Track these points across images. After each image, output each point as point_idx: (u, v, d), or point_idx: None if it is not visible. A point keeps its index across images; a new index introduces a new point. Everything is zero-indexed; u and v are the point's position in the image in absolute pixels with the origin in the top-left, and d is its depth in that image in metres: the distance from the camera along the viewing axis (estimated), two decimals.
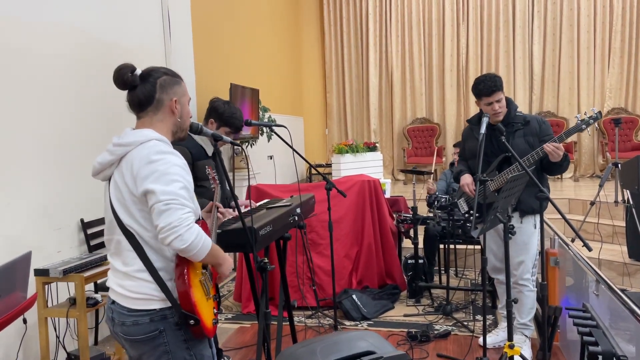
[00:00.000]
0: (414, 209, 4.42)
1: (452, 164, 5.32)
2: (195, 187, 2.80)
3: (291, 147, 2.83)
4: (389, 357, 1.81)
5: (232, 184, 4.24)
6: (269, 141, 6.62)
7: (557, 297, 3.42)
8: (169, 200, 1.58)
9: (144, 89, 1.73)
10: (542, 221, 2.74)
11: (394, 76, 9.36)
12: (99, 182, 1.81)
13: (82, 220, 3.61)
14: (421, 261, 4.40)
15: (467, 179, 3.26)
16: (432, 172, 5.18)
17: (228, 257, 1.81)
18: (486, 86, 3.04)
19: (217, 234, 2.08)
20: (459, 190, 3.38)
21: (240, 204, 2.68)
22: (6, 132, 3.03)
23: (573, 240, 4.28)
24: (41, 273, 2.83)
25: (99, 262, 3.03)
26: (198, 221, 1.77)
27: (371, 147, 7.46)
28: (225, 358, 3.35)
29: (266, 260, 2.16)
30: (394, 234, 4.66)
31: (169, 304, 1.69)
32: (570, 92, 8.73)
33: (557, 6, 8.68)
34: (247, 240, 2.08)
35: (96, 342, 3.66)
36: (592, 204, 5.45)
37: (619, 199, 5.49)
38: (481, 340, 3.13)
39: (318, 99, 9.87)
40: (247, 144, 6.11)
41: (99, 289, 3.48)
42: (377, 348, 1.85)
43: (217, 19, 5.98)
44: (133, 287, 1.68)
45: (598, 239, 5.33)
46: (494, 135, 3.11)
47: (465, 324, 3.83)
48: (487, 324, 3.80)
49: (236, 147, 2.22)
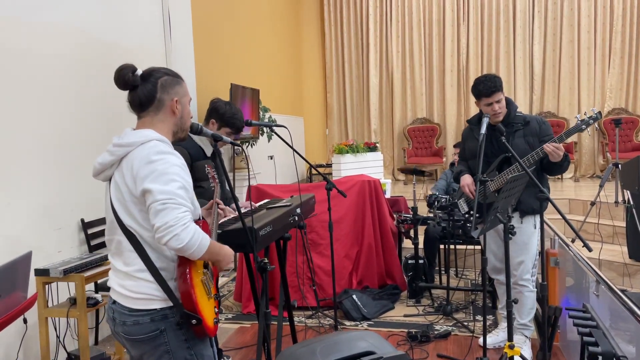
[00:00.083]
0: (414, 209, 4.42)
1: (452, 164, 5.32)
2: (194, 187, 2.81)
3: (291, 147, 2.83)
4: (389, 357, 1.81)
5: (232, 185, 4.24)
6: (269, 141, 6.62)
7: (557, 297, 3.42)
8: (165, 200, 1.58)
9: (144, 89, 1.74)
10: (542, 221, 2.74)
11: (394, 76, 9.36)
12: (99, 182, 1.81)
13: (82, 220, 3.61)
14: (421, 261, 4.40)
15: (467, 179, 3.26)
16: (432, 173, 5.18)
17: (228, 251, 1.79)
18: (486, 87, 3.04)
19: (218, 234, 2.08)
20: (459, 190, 3.38)
21: (241, 205, 2.68)
22: (6, 132, 3.03)
23: (573, 241, 4.29)
24: (41, 273, 2.83)
25: (100, 262, 3.03)
26: (198, 221, 1.77)
27: (371, 147, 7.46)
28: (225, 358, 3.36)
29: (266, 261, 2.16)
30: (394, 234, 4.66)
31: (170, 303, 1.69)
32: (570, 93, 8.73)
33: (557, 6, 8.68)
34: (248, 240, 2.08)
35: (96, 342, 3.66)
36: (592, 204, 5.45)
37: (619, 199, 5.49)
38: (481, 340, 3.14)
39: (318, 99, 9.86)
40: (247, 144, 6.11)
41: (99, 288, 3.48)
42: (377, 348, 1.85)
43: (218, 19, 5.98)
44: (134, 287, 1.69)
45: (598, 240, 5.33)
46: (494, 135, 3.11)
47: (466, 324, 3.83)
48: (487, 324, 3.80)
49: (236, 147, 2.22)
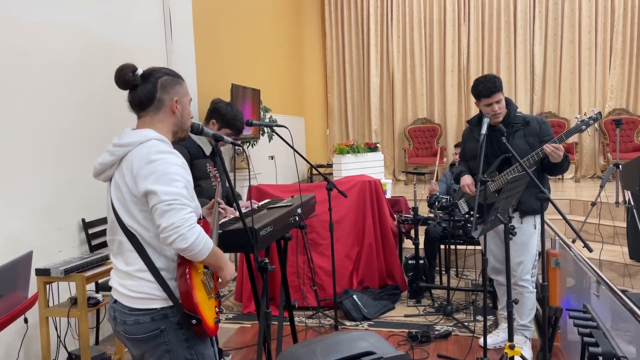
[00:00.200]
0: (415, 209, 4.42)
1: (452, 164, 5.31)
2: (194, 186, 2.81)
3: (292, 147, 2.83)
4: (389, 358, 1.81)
5: (233, 184, 4.24)
6: (270, 141, 6.62)
7: (557, 297, 3.42)
8: (171, 201, 1.59)
9: (144, 89, 1.74)
10: (543, 222, 2.74)
11: (395, 76, 9.36)
12: (100, 181, 1.81)
13: (83, 220, 3.62)
14: (422, 262, 4.40)
15: (467, 179, 3.26)
16: (433, 172, 5.18)
17: (230, 262, 1.81)
18: (485, 87, 3.03)
19: (218, 234, 2.08)
20: (460, 191, 3.38)
21: (242, 205, 2.68)
22: (7, 132, 3.03)
23: (574, 241, 4.28)
24: (42, 273, 2.83)
25: (100, 262, 3.04)
26: (199, 220, 1.78)
27: (372, 148, 7.46)
28: (225, 358, 3.36)
29: (267, 261, 2.17)
30: (394, 234, 4.66)
31: (170, 303, 1.69)
32: (571, 93, 8.72)
33: (558, 7, 8.67)
34: (248, 240, 2.08)
35: (97, 342, 3.66)
36: (593, 204, 5.45)
37: (620, 199, 5.49)
38: (482, 340, 3.13)
39: (319, 99, 9.86)
40: (248, 144, 6.11)
41: (100, 288, 3.48)
42: (378, 348, 1.85)
43: (219, 19, 5.98)
44: (134, 286, 1.69)
45: (599, 240, 5.33)
46: (494, 136, 3.11)
47: (466, 324, 3.83)
48: (488, 324, 3.80)
49: (237, 147, 2.23)
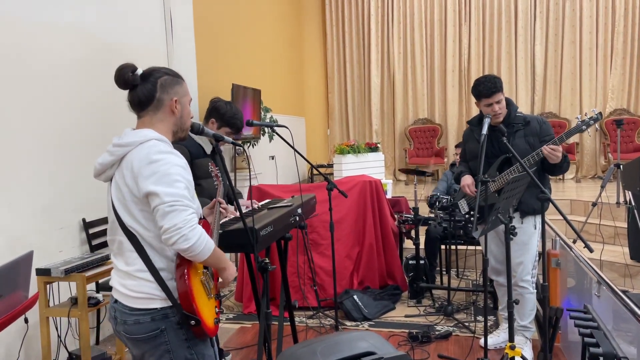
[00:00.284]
0: (415, 209, 4.41)
1: (452, 164, 5.31)
2: (195, 185, 2.81)
3: (293, 147, 2.83)
4: (389, 358, 1.81)
5: (233, 184, 4.24)
6: (270, 141, 6.62)
7: (558, 298, 3.42)
8: (173, 202, 1.59)
9: (144, 88, 1.74)
10: (544, 222, 2.74)
11: (395, 77, 9.36)
12: (101, 181, 1.81)
13: (83, 220, 3.62)
14: (422, 262, 4.39)
15: (467, 179, 3.25)
16: (434, 173, 5.17)
17: (231, 263, 1.81)
18: (486, 87, 3.03)
19: (219, 234, 2.08)
20: (460, 191, 3.37)
21: (242, 204, 2.68)
22: (8, 131, 3.03)
23: (574, 242, 4.28)
24: (43, 273, 2.83)
25: (101, 262, 3.04)
26: (200, 220, 1.78)
27: (373, 148, 7.46)
28: (225, 358, 3.36)
29: (267, 261, 2.17)
30: (395, 234, 4.66)
31: (170, 303, 1.69)
32: (572, 93, 8.71)
33: (559, 7, 8.66)
34: (248, 240, 2.08)
35: (97, 342, 3.66)
36: (593, 205, 5.44)
37: (621, 200, 5.48)
38: (482, 341, 3.13)
39: (320, 100, 9.86)
40: (248, 144, 6.11)
41: (100, 288, 3.48)
42: (378, 348, 1.85)
43: (220, 19, 5.98)
44: (135, 286, 1.69)
45: (600, 240, 5.32)
46: (494, 136, 3.11)
47: (467, 324, 3.83)
48: (488, 325, 3.79)
49: (238, 147, 2.22)
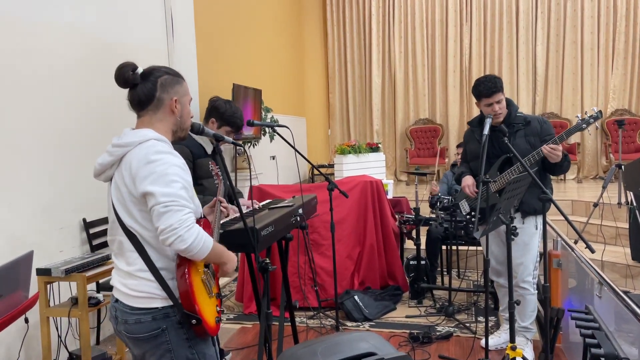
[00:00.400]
0: (416, 210, 4.41)
1: (453, 164, 5.30)
2: (195, 185, 2.81)
3: (293, 147, 2.82)
4: (390, 359, 1.80)
5: (234, 184, 4.24)
6: (271, 141, 6.62)
7: (559, 298, 3.41)
8: (168, 202, 1.58)
9: (144, 87, 1.74)
10: (545, 223, 2.73)
11: (396, 77, 9.35)
12: (101, 181, 1.81)
13: (84, 220, 3.61)
14: (423, 262, 4.39)
15: (468, 180, 3.25)
16: (435, 172, 5.16)
17: (232, 255, 1.80)
18: (486, 87, 3.03)
19: (220, 234, 2.08)
20: (461, 192, 3.37)
21: (242, 204, 2.68)
22: (8, 131, 3.03)
23: (576, 242, 4.27)
24: (43, 272, 2.83)
25: (101, 262, 3.03)
26: (200, 220, 1.77)
27: (374, 148, 7.45)
28: (226, 358, 3.35)
29: (268, 261, 2.16)
30: (396, 234, 4.65)
31: (171, 302, 1.69)
32: (573, 94, 8.70)
33: (560, 7, 8.65)
34: (249, 240, 2.07)
35: (98, 342, 3.66)
36: (595, 205, 5.43)
37: (622, 200, 5.47)
38: (483, 341, 3.13)
39: (321, 100, 9.86)
40: (249, 144, 6.11)
41: (100, 288, 3.48)
42: (379, 349, 1.85)
43: (220, 19, 5.98)
44: (136, 285, 1.69)
45: (601, 241, 5.31)
46: (494, 136, 3.10)
47: (468, 325, 3.82)
48: (489, 325, 3.79)
49: (238, 147, 2.22)
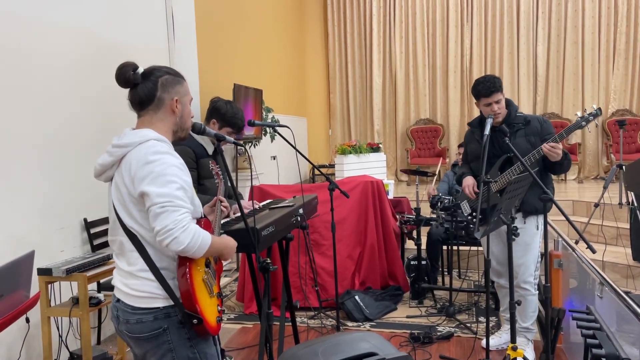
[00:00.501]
0: (417, 210, 4.41)
1: (454, 164, 5.30)
2: (198, 185, 2.81)
3: (294, 147, 2.82)
4: (391, 359, 1.80)
5: (235, 185, 4.23)
6: (272, 141, 6.62)
7: (560, 299, 3.41)
8: (164, 203, 1.58)
9: (145, 87, 1.74)
10: (546, 223, 2.73)
11: (397, 77, 9.35)
12: (102, 181, 1.81)
13: (85, 220, 3.62)
14: (424, 262, 4.39)
15: (468, 180, 3.25)
16: (436, 173, 5.16)
17: (229, 243, 1.80)
18: (485, 87, 3.04)
19: (220, 234, 2.08)
20: (462, 193, 3.37)
21: (243, 206, 2.68)
22: (10, 131, 3.03)
23: (577, 242, 4.27)
24: (44, 272, 2.83)
25: (102, 262, 3.04)
26: (201, 220, 1.77)
27: (374, 148, 7.45)
28: (227, 358, 3.35)
29: (268, 261, 2.16)
30: (397, 235, 4.65)
31: (173, 302, 1.69)
32: (574, 94, 8.69)
33: (561, 7, 8.65)
34: (250, 240, 2.07)
35: (99, 342, 3.66)
36: (596, 205, 5.43)
37: (624, 200, 5.47)
38: (484, 342, 3.12)
39: (321, 100, 9.86)
40: (250, 144, 6.11)
41: (101, 288, 3.48)
42: (380, 349, 1.84)
43: (221, 19, 5.98)
44: (137, 285, 1.69)
45: (602, 241, 5.31)
46: (495, 136, 3.10)
47: (468, 325, 3.82)
48: (490, 326, 3.79)
49: (239, 147, 2.22)
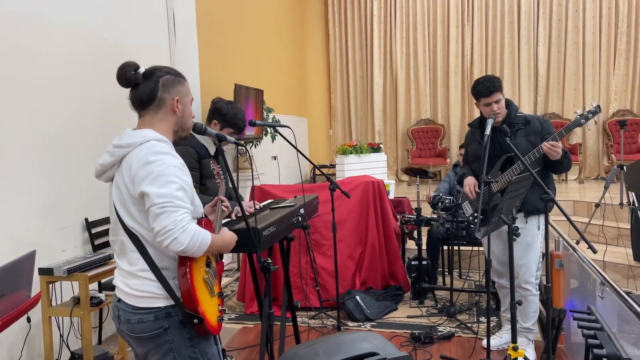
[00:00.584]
0: (418, 210, 4.41)
1: (455, 164, 5.30)
2: (200, 185, 2.81)
3: (295, 147, 2.82)
4: (392, 359, 1.80)
5: (236, 185, 4.24)
6: (273, 142, 6.62)
7: (561, 299, 3.41)
8: (163, 203, 1.58)
9: (146, 87, 1.74)
10: (547, 223, 2.73)
11: (398, 77, 9.35)
12: (103, 181, 1.81)
13: (86, 220, 3.62)
14: (425, 262, 4.39)
15: (469, 180, 3.25)
16: (436, 173, 5.16)
17: (229, 239, 1.80)
18: (484, 87, 3.04)
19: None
20: (464, 194, 3.37)
21: (245, 206, 2.68)
22: (10, 131, 3.04)
23: (578, 243, 4.27)
24: (45, 272, 2.83)
25: (103, 262, 3.04)
26: (201, 219, 1.77)
27: (375, 148, 7.44)
28: (228, 358, 3.35)
29: (269, 261, 2.16)
30: (397, 235, 4.65)
31: (174, 302, 1.69)
32: (575, 94, 8.69)
33: (562, 7, 8.64)
34: (251, 240, 2.08)
35: (100, 342, 3.67)
36: (597, 206, 5.43)
37: (624, 201, 5.46)
38: (485, 342, 3.12)
39: (322, 100, 9.86)
40: (251, 144, 6.11)
41: (103, 288, 3.49)
42: (381, 349, 1.85)
43: (222, 19, 5.98)
44: (138, 285, 1.69)
45: (603, 241, 5.31)
46: (495, 137, 3.10)
47: (469, 325, 3.82)
48: (491, 326, 3.78)
49: (240, 147, 2.22)
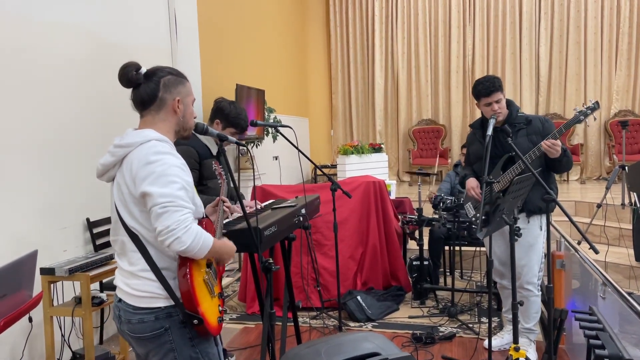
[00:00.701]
0: (419, 210, 4.40)
1: (456, 164, 5.29)
2: (201, 185, 2.82)
3: (297, 147, 2.82)
4: (394, 359, 1.80)
5: (237, 185, 4.24)
6: (274, 142, 6.62)
7: (563, 299, 3.40)
8: (166, 203, 1.58)
9: (147, 87, 1.74)
10: (549, 223, 2.73)
11: (399, 77, 9.35)
12: (105, 181, 1.81)
13: (87, 220, 3.62)
14: (426, 263, 4.38)
15: (472, 182, 3.24)
16: (436, 173, 5.16)
17: (230, 249, 1.80)
18: (485, 87, 3.04)
19: (223, 234, 2.08)
20: (466, 195, 3.36)
21: (246, 205, 2.68)
22: (11, 131, 3.04)
23: (579, 243, 4.26)
24: (47, 272, 2.84)
25: (105, 262, 3.04)
26: (202, 220, 1.77)
27: (376, 148, 7.44)
28: (229, 358, 3.35)
29: (271, 261, 2.16)
30: (399, 235, 4.65)
31: (174, 302, 1.69)
32: (577, 94, 8.68)
33: (564, 8, 8.64)
34: (252, 240, 2.08)
35: (101, 341, 3.67)
36: (598, 206, 5.42)
37: (626, 201, 5.46)
38: (486, 342, 3.12)
39: (323, 100, 9.86)
40: (252, 144, 6.12)
41: (104, 288, 3.49)
42: (382, 349, 1.85)
43: (224, 19, 5.99)
44: (138, 285, 1.69)
45: (604, 242, 5.30)
46: (497, 137, 3.10)
47: (471, 326, 3.82)
48: (492, 326, 3.78)
49: (241, 147, 2.23)
